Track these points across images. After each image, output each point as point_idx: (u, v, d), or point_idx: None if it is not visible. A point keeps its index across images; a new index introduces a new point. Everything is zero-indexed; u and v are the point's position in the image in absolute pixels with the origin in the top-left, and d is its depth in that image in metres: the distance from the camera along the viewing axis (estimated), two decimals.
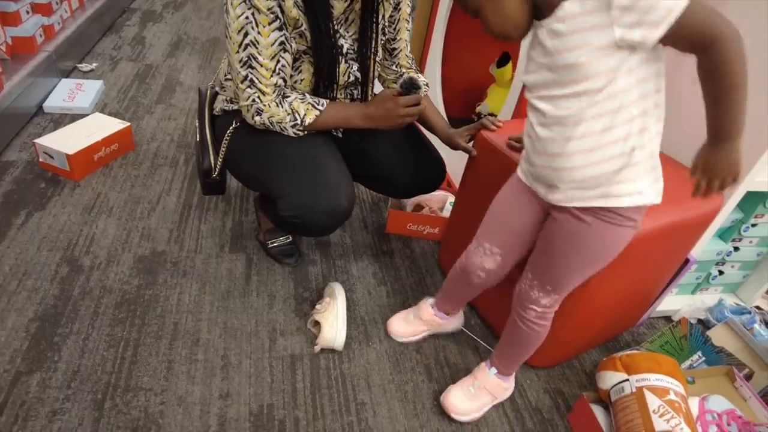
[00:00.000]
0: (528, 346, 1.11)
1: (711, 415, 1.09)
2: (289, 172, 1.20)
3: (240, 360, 1.24)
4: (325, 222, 1.21)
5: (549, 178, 0.91)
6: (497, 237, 1.09)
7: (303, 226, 1.22)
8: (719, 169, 0.79)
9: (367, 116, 1.24)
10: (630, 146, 0.82)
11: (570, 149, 0.84)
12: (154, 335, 1.26)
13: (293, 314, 1.37)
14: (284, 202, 1.20)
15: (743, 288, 1.71)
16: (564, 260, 0.97)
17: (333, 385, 1.21)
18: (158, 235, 1.56)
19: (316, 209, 1.18)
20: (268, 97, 1.15)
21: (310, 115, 1.19)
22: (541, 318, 1.05)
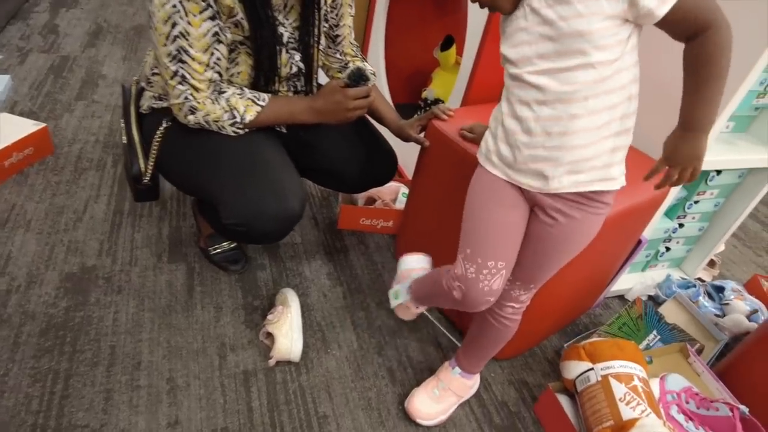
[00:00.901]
0: (498, 343, 1.08)
1: (671, 396, 1.11)
2: (229, 175, 1.10)
3: (188, 382, 1.14)
4: (273, 228, 1.11)
5: (543, 163, 0.81)
6: (496, 250, 0.89)
7: (248, 235, 1.12)
8: (687, 158, 0.78)
9: (314, 110, 1.15)
10: (625, 127, 0.80)
11: (576, 127, 0.77)
12: (89, 363, 1.13)
13: (243, 326, 1.28)
14: (226, 209, 1.10)
15: (687, 262, 1.77)
16: (553, 260, 0.92)
17: (292, 399, 1.14)
18: (87, 248, 1.41)
19: (263, 215, 1.08)
20: (203, 93, 1.04)
21: (251, 112, 1.09)
22: (517, 314, 1.02)
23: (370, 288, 1.47)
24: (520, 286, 0.97)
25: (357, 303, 1.41)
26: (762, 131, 1.49)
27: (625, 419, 0.98)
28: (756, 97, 1.38)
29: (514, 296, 0.98)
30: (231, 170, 1.10)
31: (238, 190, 1.09)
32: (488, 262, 0.88)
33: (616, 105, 0.77)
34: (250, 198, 1.08)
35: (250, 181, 1.10)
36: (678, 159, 0.78)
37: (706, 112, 0.74)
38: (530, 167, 0.83)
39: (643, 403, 1.00)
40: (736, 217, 1.59)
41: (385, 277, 1.52)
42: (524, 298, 0.99)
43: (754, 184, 1.54)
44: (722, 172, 1.49)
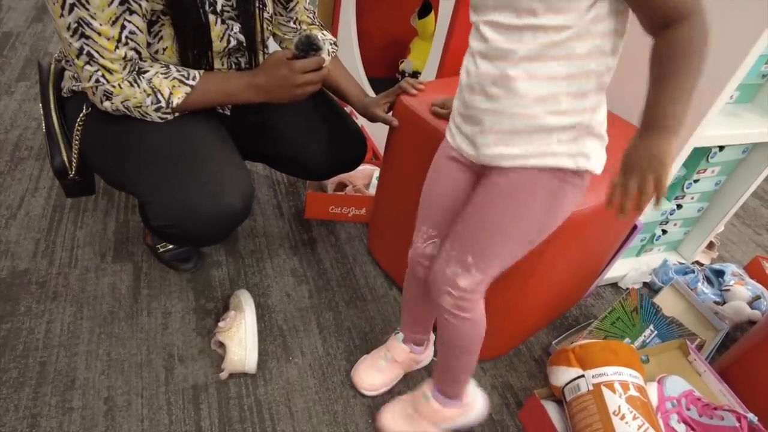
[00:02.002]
0: (453, 350, 0.89)
1: (671, 403, 0.99)
2: (155, 169, 0.94)
3: (129, 400, 1.00)
4: (209, 230, 0.95)
5: (475, 126, 0.76)
6: (431, 217, 0.90)
7: (182, 237, 0.97)
8: (646, 162, 0.63)
9: (255, 88, 0.99)
10: (580, 106, 0.70)
11: (513, 91, 0.70)
12: (13, 384, 1.00)
13: (194, 333, 1.14)
14: (152, 209, 0.94)
15: (684, 245, 1.65)
16: (493, 225, 0.78)
17: (247, 417, 1.01)
18: (20, 249, 1.26)
19: (196, 214, 0.92)
20: (117, 75, 0.87)
21: (178, 94, 0.92)
22: (458, 308, 0.82)
23: (340, 285, 1.33)
24: (456, 260, 0.80)
25: (324, 303, 1.28)
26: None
27: None
28: (765, 63, 1.23)
29: (448, 275, 0.80)
30: (156, 163, 0.94)
31: (164, 186, 0.93)
32: (422, 227, 0.91)
33: (566, 77, 0.67)
34: (179, 195, 0.92)
35: (179, 175, 0.93)
36: (635, 164, 0.64)
37: (672, 111, 0.62)
38: (465, 130, 0.79)
39: (639, 417, 0.89)
40: (738, 196, 1.47)
41: (356, 271, 1.38)
42: (464, 284, 0.80)
43: (758, 160, 1.40)
44: (725, 148, 1.35)
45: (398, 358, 1.07)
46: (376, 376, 1.07)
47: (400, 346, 1.07)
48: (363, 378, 1.07)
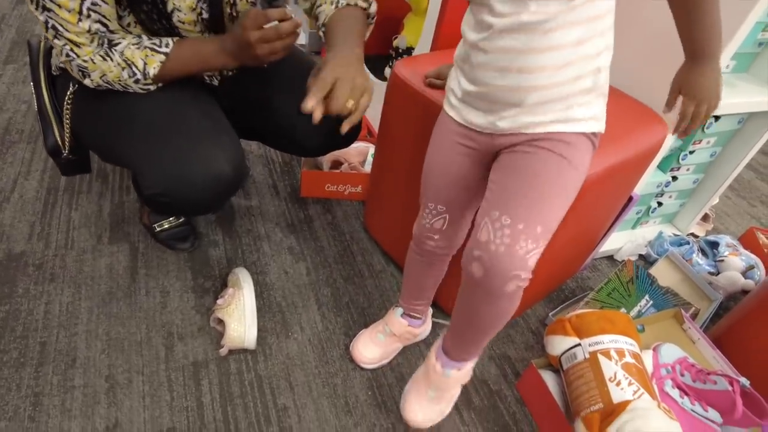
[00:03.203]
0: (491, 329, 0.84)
1: (665, 369, 1.01)
2: (145, 138, 0.93)
3: (129, 378, 1.01)
4: (201, 197, 0.95)
5: (499, 101, 0.73)
6: (439, 193, 0.88)
7: (174, 206, 0.96)
8: (706, 90, 0.73)
9: (225, 52, 0.95)
10: (597, 65, 0.69)
11: (536, 63, 0.67)
12: (14, 364, 1.00)
13: (193, 311, 1.15)
14: (144, 178, 0.93)
15: (679, 217, 1.66)
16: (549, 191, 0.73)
17: (247, 391, 1.02)
18: (15, 232, 1.26)
19: (187, 182, 0.92)
20: (86, 48, 0.85)
21: (153, 63, 0.90)
22: (519, 291, 0.75)
23: (337, 262, 1.34)
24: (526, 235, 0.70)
25: (322, 279, 1.28)
26: (765, 70, 1.34)
27: (616, 402, 0.88)
28: (762, 30, 1.22)
29: (522, 255, 0.70)
30: (146, 133, 0.93)
31: (155, 155, 0.92)
32: (429, 204, 0.89)
33: (585, 40, 0.66)
34: (170, 163, 0.91)
35: (169, 144, 0.92)
36: (704, 92, 0.75)
37: (711, 35, 0.70)
38: (478, 105, 0.77)
39: (635, 383, 0.90)
40: (733, 167, 1.47)
41: (353, 248, 1.39)
42: (533, 261, 0.72)
43: (754, 131, 1.40)
44: (721, 118, 1.35)
45: (396, 331, 1.08)
46: (374, 350, 1.08)
47: (399, 320, 1.08)
48: (362, 352, 1.08)
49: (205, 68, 1.00)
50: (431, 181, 0.89)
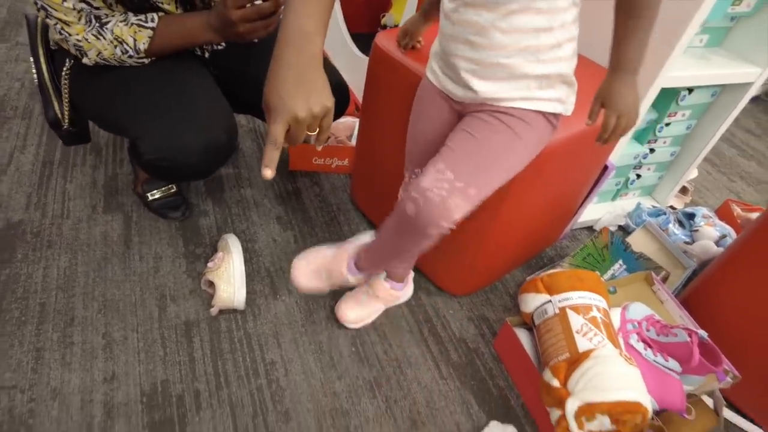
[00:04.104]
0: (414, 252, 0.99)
1: (632, 324, 1.07)
2: (144, 106, 0.98)
3: (125, 335, 1.07)
4: (198, 162, 1.00)
5: (465, 72, 0.79)
6: (418, 156, 0.94)
7: (172, 171, 1.01)
8: (631, 105, 0.78)
9: (210, 27, 1.00)
10: (558, 55, 0.76)
11: (497, 42, 0.73)
12: (16, 322, 1.06)
13: (185, 275, 1.20)
14: (144, 144, 0.98)
15: (658, 189, 1.71)
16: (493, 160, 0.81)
17: (237, 348, 1.08)
18: (12, 202, 1.30)
19: (185, 146, 0.97)
20: (75, 27, 0.90)
21: (142, 39, 0.95)
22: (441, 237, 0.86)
23: (324, 231, 1.39)
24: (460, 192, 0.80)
25: (309, 246, 1.33)
26: (738, 44, 1.39)
27: (581, 351, 0.94)
28: (731, 5, 1.26)
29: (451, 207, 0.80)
30: (145, 101, 0.98)
31: (154, 121, 0.97)
32: (411, 167, 0.96)
33: (546, 29, 0.72)
34: (168, 128, 0.97)
35: (167, 110, 0.98)
36: (622, 106, 0.79)
37: (643, 50, 0.76)
38: (448, 73, 0.83)
39: (600, 334, 0.96)
40: (708, 139, 1.52)
41: (340, 219, 1.44)
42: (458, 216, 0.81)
43: (727, 103, 1.45)
44: (694, 90, 1.39)
45: (379, 293, 1.13)
46: (358, 310, 1.14)
47: (381, 283, 1.13)
48: (346, 312, 1.14)
49: (192, 43, 1.05)
50: (414, 147, 0.96)
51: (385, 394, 1.05)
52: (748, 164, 2.14)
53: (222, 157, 1.05)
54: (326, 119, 0.75)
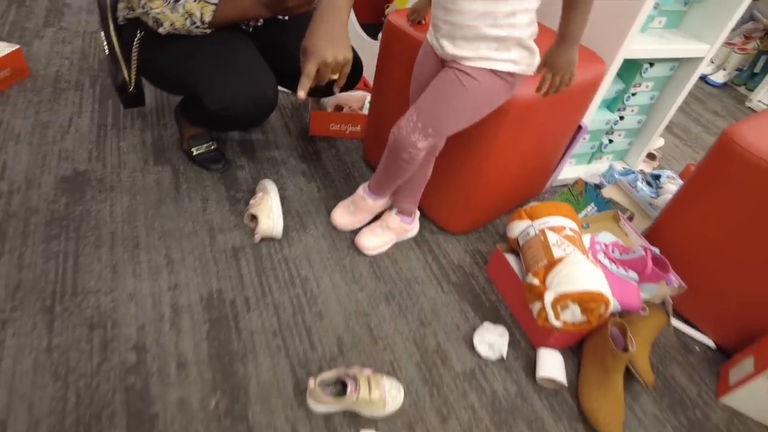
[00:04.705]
0: (398, 176, 1.26)
1: (599, 246, 1.31)
2: (209, 67, 1.23)
3: (183, 257, 1.29)
4: (252, 111, 1.26)
5: (443, 34, 1.05)
6: (415, 97, 1.20)
7: (231, 119, 1.26)
8: (565, 66, 1.01)
9: (261, 4, 1.25)
10: (512, 22, 0.97)
11: (463, 8, 0.97)
12: (93, 245, 1.28)
13: (229, 213, 1.43)
14: (210, 97, 1.22)
15: (629, 155, 1.96)
16: (449, 106, 1.09)
17: (277, 266, 1.31)
18: (77, 155, 1.52)
19: (243, 99, 1.22)
20: (156, 2, 1.14)
21: (207, 12, 1.20)
22: (415, 158, 1.16)
23: (342, 183, 1.62)
24: (420, 130, 1.11)
25: (330, 195, 1.57)
26: (692, 26, 1.64)
27: (556, 257, 1.17)
28: None
29: (412, 141, 1.12)
30: (209, 62, 1.22)
31: (219, 78, 1.22)
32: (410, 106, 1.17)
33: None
34: (228, 85, 1.21)
35: (228, 70, 1.22)
36: (558, 66, 1.02)
37: (580, 26, 0.97)
38: (435, 33, 1.07)
39: (572, 246, 1.20)
40: (669, 108, 1.77)
41: (355, 175, 1.67)
42: (422, 145, 1.13)
43: (683, 77, 1.70)
44: (654, 64, 1.64)
45: (390, 224, 1.37)
46: (374, 239, 1.38)
47: (393, 216, 1.37)
48: (364, 240, 1.37)
49: (245, 17, 1.29)
50: (413, 90, 1.23)
51: (398, 302, 1.29)
52: (711, 140, 2.40)
53: (267, 110, 1.29)
54: (345, 68, 1.05)
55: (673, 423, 1.18)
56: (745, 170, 1.19)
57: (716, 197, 1.27)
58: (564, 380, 1.16)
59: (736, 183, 1.22)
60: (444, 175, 1.39)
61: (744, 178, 1.20)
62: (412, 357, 1.18)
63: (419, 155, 1.16)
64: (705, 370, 1.31)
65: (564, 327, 1.13)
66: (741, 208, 1.22)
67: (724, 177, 1.24)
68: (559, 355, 1.21)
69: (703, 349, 1.36)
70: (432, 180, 1.39)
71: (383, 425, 1.04)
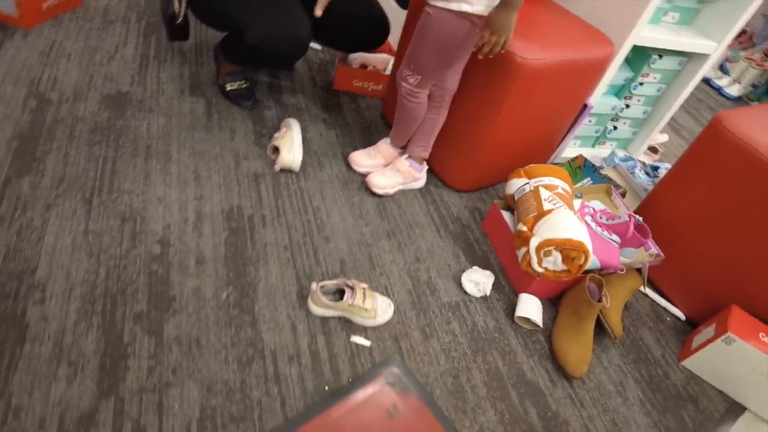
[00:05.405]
0: (407, 119, 1.43)
1: (588, 209, 1.42)
2: (254, 5, 1.36)
3: (210, 174, 1.43)
4: (286, 49, 1.39)
5: None
6: None
7: (266, 54, 1.40)
8: (501, 28, 1.14)
9: None
10: None
11: None
12: (130, 154, 1.41)
13: (253, 144, 1.56)
14: (251, 31, 1.36)
15: (632, 144, 2.06)
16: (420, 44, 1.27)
17: (292, 194, 1.44)
18: (121, 78, 1.66)
19: (281, 36, 1.36)
20: None
21: None
22: (412, 95, 1.37)
23: (359, 135, 1.75)
24: (405, 65, 1.34)
25: (347, 143, 1.69)
26: (704, 24, 1.74)
27: (546, 209, 1.29)
28: None
29: (404, 75, 1.35)
30: (253, 3, 1.36)
31: (261, 16, 1.35)
32: None
33: None
34: (271, 22, 1.35)
35: (271, 9, 1.36)
36: (496, 27, 1.14)
37: None
38: None
39: (561, 202, 1.31)
40: (673, 102, 1.87)
41: (372, 129, 1.79)
42: (411, 81, 1.34)
43: (690, 72, 1.80)
44: (663, 57, 1.74)
45: (400, 168, 1.49)
46: (384, 179, 1.50)
47: (403, 160, 1.50)
48: (374, 179, 1.49)
49: None
50: None
51: (398, 240, 1.41)
52: None
53: (299, 50, 1.42)
54: None
55: (635, 375, 1.29)
56: (731, 153, 1.30)
57: (702, 177, 1.38)
58: (540, 322, 1.28)
59: (723, 165, 1.32)
60: (454, 132, 1.50)
61: (730, 160, 1.30)
62: (405, 284, 1.30)
63: (414, 92, 1.36)
64: (672, 338, 1.42)
65: (545, 273, 1.25)
66: (725, 189, 1.32)
67: (712, 158, 1.35)
68: (539, 301, 1.33)
69: (674, 320, 1.47)
70: (442, 137, 1.51)
71: (372, 334, 1.17)
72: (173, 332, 1.06)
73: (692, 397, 1.28)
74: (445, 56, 1.28)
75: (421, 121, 1.45)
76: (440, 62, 1.30)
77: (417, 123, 1.44)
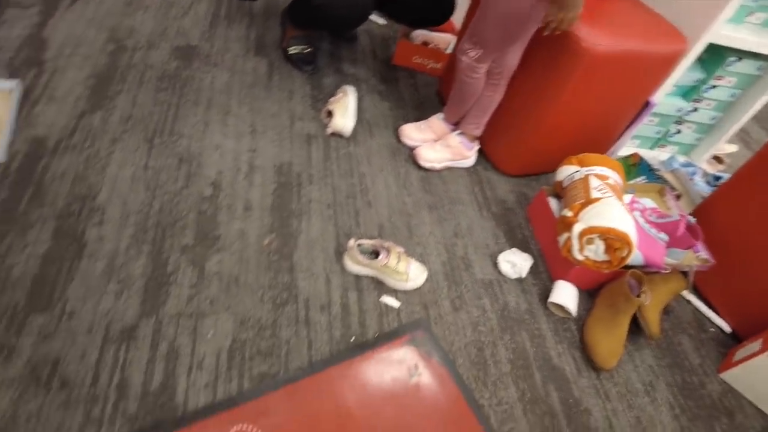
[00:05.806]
0: (464, 94, 1.43)
1: (638, 205, 1.38)
2: None
3: (265, 130, 1.48)
4: (349, 13, 1.43)
5: None
6: None
7: (330, 17, 1.45)
8: (572, 4, 1.13)
9: None
10: None
11: None
12: (192, 103, 1.48)
13: (309, 107, 1.60)
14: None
15: (695, 151, 1.97)
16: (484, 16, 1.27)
17: (341, 158, 1.47)
18: (191, 33, 1.74)
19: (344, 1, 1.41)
20: None
21: None
22: (471, 69, 1.36)
23: (413, 110, 1.76)
24: (467, 39, 1.33)
25: (400, 116, 1.71)
26: None
27: (593, 197, 1.26)
28: None
29: (464, 48, 1.35)
30: None
31: None
32: None
33: None
34: None
35: None
36: (566, 4, 1.13)
37: None
38: None
39: (610, 192, 1.28)
40: (747, 111, 1.76)
41: (426, 105, 1.80)
42: (472, 54, 1.33)
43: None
44: (742, 59, 1.65)
45: (450, 143, 1.50)
46: (432, 153, 1.51)
47: (454, 136, 1.50)
48: (423, 152, 1.50)
49: None
50: None
51: (439, 214, 1.42)
52: None
53: (361, 15, 1.45)
54: None
55: (667, 379, 1.25)
56: None
57: (765, 187, 1.30)
58: (574, 311, 1.26)
59: None
60: (509, 114, 1.49)
61: None
62: (440, 256, 1.31)
63: (473, 67, 1.36)
64: (713, 349, 1.36)
65: (585, 261, 1.23)
66: None
67: None
68: (576, 289, 1.30)
69: (717, 331, 1.41)
70: (496, 119, 1.50)
71: (402, 297, 1.19)
72: (215, 267, 1.11)
73: (728, 410, 1.23)
74: (509, 31, 1.27)
75: (477, 98, 1.44)
76: (503, 37, 1.28)
77: (473, 99, 1.44)
